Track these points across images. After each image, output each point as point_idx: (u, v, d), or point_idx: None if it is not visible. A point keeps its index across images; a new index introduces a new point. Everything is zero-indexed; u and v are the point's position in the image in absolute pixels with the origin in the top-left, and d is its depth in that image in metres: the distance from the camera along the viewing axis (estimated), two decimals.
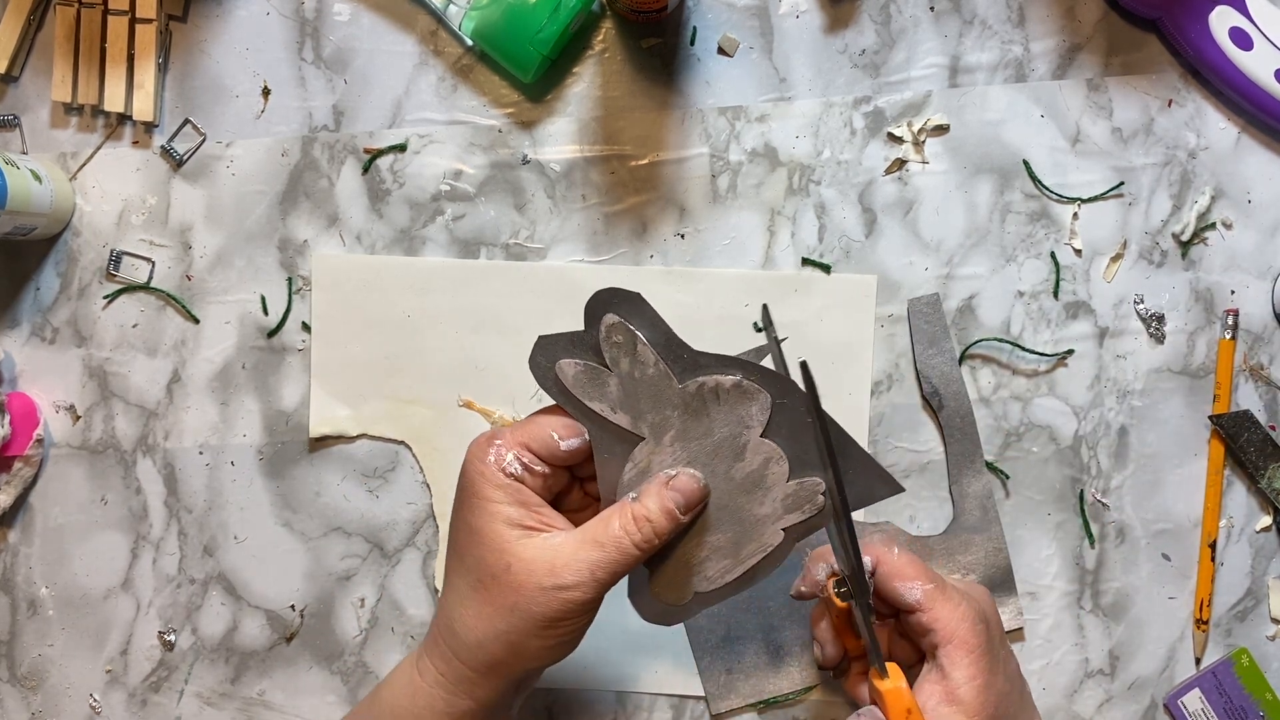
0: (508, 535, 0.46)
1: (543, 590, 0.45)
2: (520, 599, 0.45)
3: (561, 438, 0.48)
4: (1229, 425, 0.64)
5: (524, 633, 0.46)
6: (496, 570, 0.46)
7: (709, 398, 0.47)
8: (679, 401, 0.47)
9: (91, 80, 0.63)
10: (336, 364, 0.64)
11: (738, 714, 0.64)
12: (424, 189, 0.64)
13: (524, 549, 0.45)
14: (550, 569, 0.45)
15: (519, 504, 0.46)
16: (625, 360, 0.47)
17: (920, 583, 0.50)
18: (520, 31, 0.60)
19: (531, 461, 0.47)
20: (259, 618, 0.65)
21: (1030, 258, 0.64)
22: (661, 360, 0.47)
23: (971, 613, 0.49)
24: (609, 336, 0.47)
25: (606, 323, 0.46)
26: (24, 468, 0.64)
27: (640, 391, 0.47)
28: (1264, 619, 0.65)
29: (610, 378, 0.47)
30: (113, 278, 0.64)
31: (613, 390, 0.47)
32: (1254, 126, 0.64)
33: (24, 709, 0.65)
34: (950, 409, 0.64)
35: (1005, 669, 0.50)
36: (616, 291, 0.46)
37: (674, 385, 0.47)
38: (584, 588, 0.45)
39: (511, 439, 0.47)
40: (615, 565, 0.45)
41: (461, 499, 0.48)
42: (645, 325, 0.47)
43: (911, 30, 0.64)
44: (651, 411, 0.47)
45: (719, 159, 0.64)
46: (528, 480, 0.47)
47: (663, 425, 0.47)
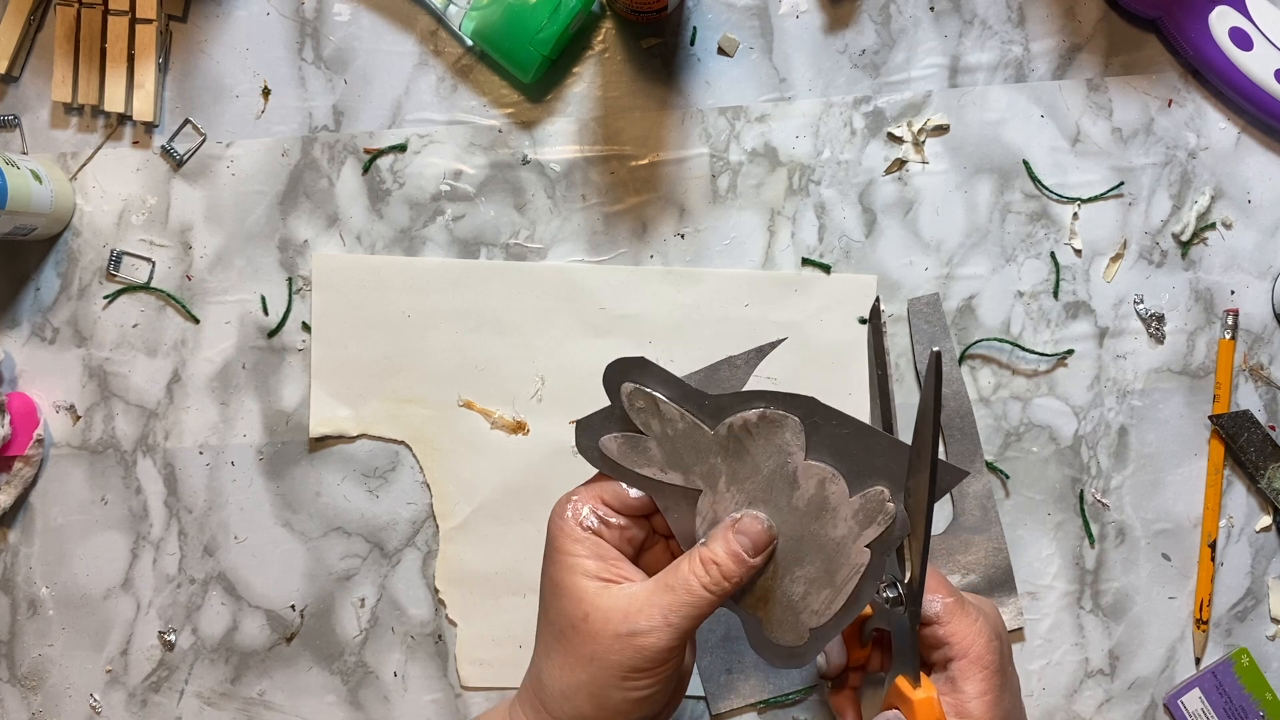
0: (586, 586, 0.47)
1: (618, 638, 0.46)
2: (598, 648, 0.46)
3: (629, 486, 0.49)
4: (1229, 425, 0.64)
5: (604, 683, 0.46)
6: (575, 620, 0.46)
7: (742, 436, 0.47)
8: (717, 447, 0.47)
9: (91, 80, 0.63)
10: (336, 364, 0.64)
11: (738, 714, 0.64)
12: (424, 189, 0.64)
13: (601, 599, 0.46)
14: (624, 616, 0.46)
15: (597, 557, 0.47)
16: (655, 422, 0.48)
17: (940, 596, 0.49)
18: (520, 31, 0.60)
19: (606, 514, 0.49)
20: (259, 618, 0.65)
21: (1030, 258, 0.64)
22: (687, 413, 0.47)
23: (988, 629, 0.49)
24: (631, 404, 0.48)
25: (625, 391, 0.48)
26: (24, 468, 0.64)
27: (679, 447, 0.48)
28: (1264, 619, 0.65)
29: (649, 442, 0.48)
30: (113, 278, 0.64)
31: (655, 453, 0.48)
32: (1254, 126, 0.64)
33: (24, 709, 0.65)
34: (950, 409, 0.64)
35: (1011, 687, 0.50)
36: (622, 361, 0.48)
37: (707, 433, 0.47)
38: (658, 633, 0.46)
39: (587, 494, 0.49)
40: (687, 609, 0.46)
41: (546, 555, 0.49)
42: (659, 384, 0.48)
43: (911, 30, 0.64)
44: (697, 464, 0.48)
45: (719, 159, 0.64)
46: (605, 533, 0.48)
47: (712, 473, 0.48)
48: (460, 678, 0.65)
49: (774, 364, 0.63)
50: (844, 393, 0.64)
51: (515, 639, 0.64)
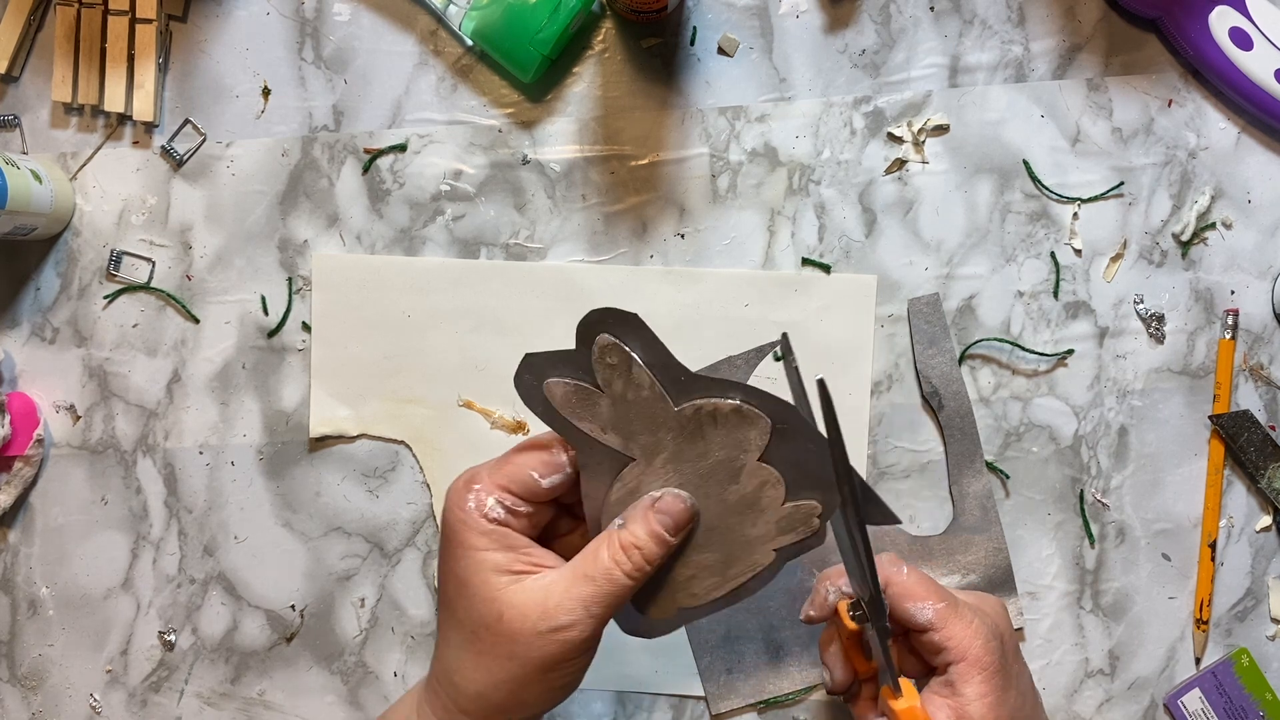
0: (496, 582, 0.44)
1: (539, 635, 0.44)
2: (517, 647, 0.44)
3: (542, 476, 0.46)
4: (1229, 425, 0.64)
5: (524, 680, 0.45)
6: (489, 620, 0.44)
7: (706, 421, 0.45)
8: (674, 424, 0.46)
9: (91, 80, 0.63)
10: (336, 364, 0.64)
11: (738, 714, 0.64)
12: (424, 189, 0.64)
13: (515, 595, 0.44)
14: (543, 612, 0.44)
15: (505, 549, 0.45)
16: (619, 382, 0.45)
17: (932, 602, 0.49)
18: (520, 31, 0.60)
19: (514, 504, 0.46)
20: (259, 618, 0.65)
21: (1030, 258, 0.64)
22: (657, 383, 0.45)
23: (984, 630, 0.49)
24: (602, 358, 0.45)
25: (600, 343, 0.45)
26: (24, 468, 0.64)
27: (633, 413, 0.45)
28: (1264, 619, 0.65)
29: (602, 399, 0.45)
30: (113, 278, 0.64)
31: (604, 411, 0.46)
32: (1254, 126, 0.64)
33: (24, 709, 0.65)
34: (950, 409, 0.64)
35: (1018, 684, 0.50)
36: (612, 312, 0.45)
37: (670, 408, 0.45)
38: (580, 626, 0.44)
39: (490, 482, 0.46)
40: (609, 598, 0.44)
41: (446, 549, 0.46)
42: (641, 347, 0.45)
43: (911, 30, 0.64)
44: (644, 433, 0.46)
45: (719, 159, 0.64)
46: (512, 523, 0.46)
47: (655, 447, 0.46)
48: None
49: (774, 364, 0.63)
50: (844, 393, 0.64)
51: None
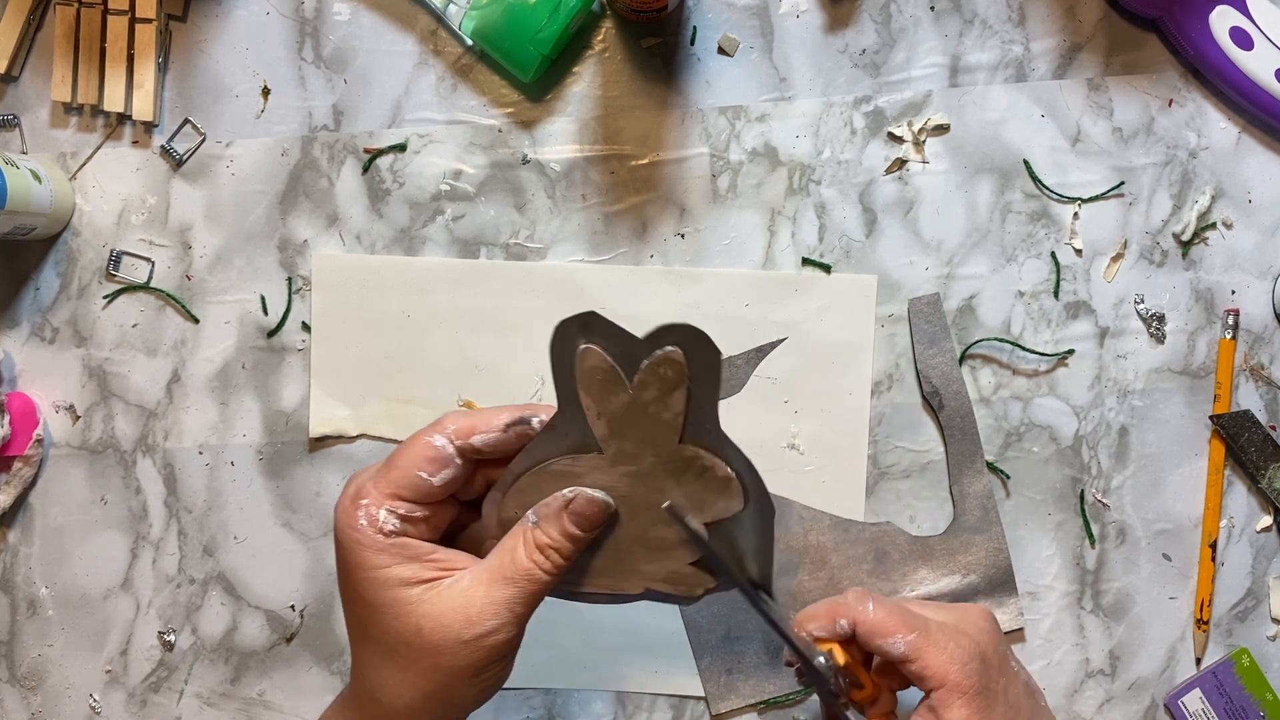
0: (407, 596, 0.42)
1: (464, 644, 0.42)
2: (442, 658, 0.43)
3: (432, 474, 0.43)
4: (1229, 425, 0.64)
5: (453, 688, 0.44)
6: (407, 635, 0.43)
7: (693, 469, 0.44)
8: (665, 454, 0.44)
9: (91, 80, 0.63)
10: (336, 364, 0.64)
11: (738, 714, 0.64)
12: (424, 189, 0.64)
13: (431, 605, 0.42)
14: (466, 619, 0.42)
15: (408, 560, 0.43)
16: (653, 392, 0.43)
17: (902, 635, 0.48)
18: (520, 31, 0.60)
19: (409, 510, 0.43)
20: (259, 618, 0.65)
21: (1030, 257, 0.64)
22: (684, 416, 0.43)
23: (961, 654, 0.48)
24: (659, 367, 0.42)
25: (668, 354, 0.42)
26: (24, 468, 0.64)
27: (639, 423, 0.43)
28: (1264, 619, 0.65)
29: (624, 393, 0.43)
30: (112, 278, 0.64)
31: (615, 403, 0.43)
32: (1254, 126, 0.64)
33: (24, 709, 0.65)
34: (950, 409, 0.64)
35: (1005, 698, 0.49)
36: (703, 337, 0.42)
37: (674, 441, 0.44)
38: (507, 628, 0.43)
39: (379, 493, 0.43)
40: (532, 597, 0.43)
41: (344, 570, 0.44)
42: (699, 380, 0.43)
43: (912, 30, 0.64)
44: (632, 443, 0.44)
45: (719, 159, 0.64)
46: (410, 530, 0.44)
47: (630, 459, 0.44)
48: None
49: (774, 364, 0.63)
50: (845, 393, 0.64)
51: None
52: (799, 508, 0.64)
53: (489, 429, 0.44)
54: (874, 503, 0.64)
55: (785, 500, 0.64)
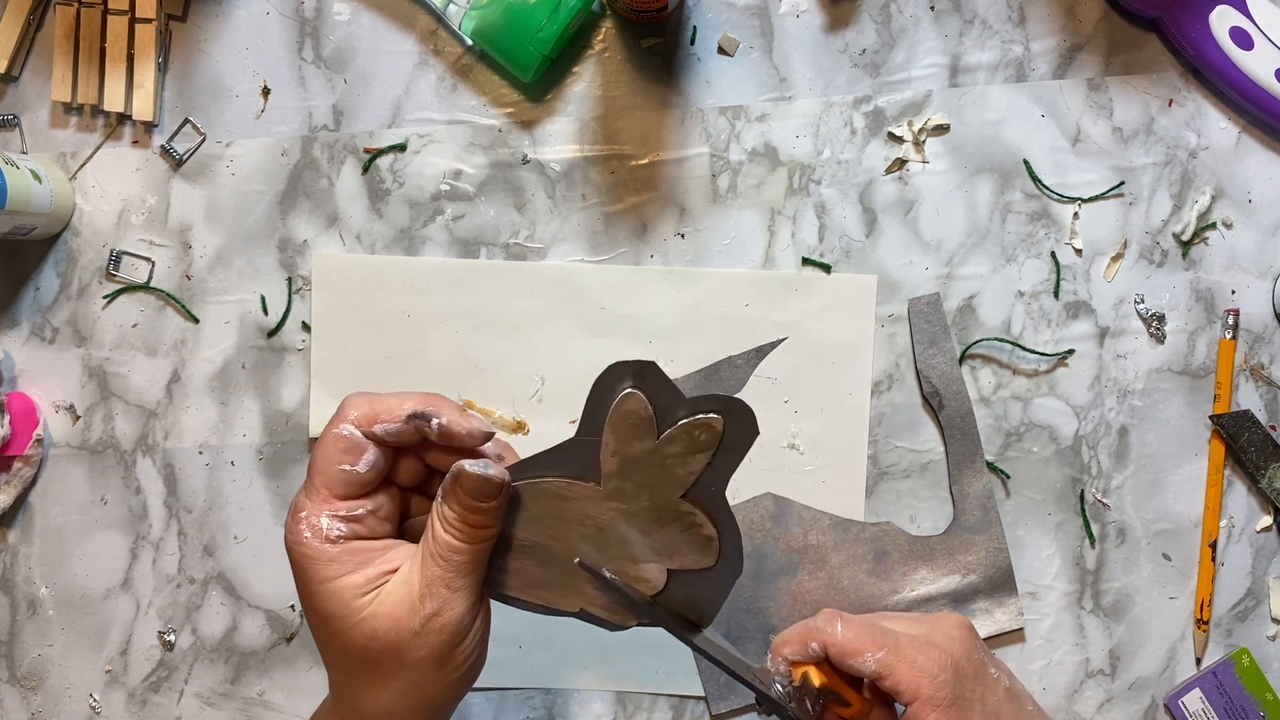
0: (358, 606, 0.42)
1: (416, 633, 0.42)
2: (403, 655, 0.43)
3: (354, 463, 0.43)
4: (1229, 425, 0.64)
5: (425, 681, 0.44)
6: (365, 642, 0.42)
7: (682, 523, 0.45)
8: (663, 503, 0.45)
9: (91, 80, 0.63)
10: (336, 364, 0.64)
11: (738, 714, 0.64)
12: (424, 189, 0.64)
13: (379, 607, 0.42)
14: (410, 608, 0.42)
15: (358, 566, 0.43)
16: (678, 449, 0.43)
17: (871, 653, 0.48)
18: (520, 31, 0.60)
19: (349, 509, 0.43)
20: (259, 618, 0.65)
21: (1030, 257, 0.64)
22: (698, 477, 0.44)
23: (932, 666, 0.48)
24: (694, 428, 0.43)
25: (709, 419, 0.43)
26: (24, 468, 0.64)
27: (650, 471, 0.44)
28: (1264, 619, 0.65)
29: (649, 441, 0.43)
30: (112, 278, 0.64)
31: (636, 450, 0.44)
32: (1254, 126, 0.64)
33: (24, 709, 0.65)
34: (950, 409, 0.64)
35: (983, 706, 0.49)
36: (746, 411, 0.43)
37: (675, 495, 0.44)
38: (449, 603, 0.43)
39: (314, 503, 0.43)
40: (462, 569, 0.43)
41: (301, 588, 0.43)
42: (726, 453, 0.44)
43: (912, 30, 0.64)
44: (633, 486, 0.44)
45: (719, 159, 0.64)
46: (361, 530, 0.43)
47: (623, 497, 0.44)
48: None
49: (774, 364, 0.63)
50: (845, 392, 0.64)
51: (515, 639, 0.64)
52: (799, 508, 0.64)
53: (391, 418, 0.43)
54: (874, 503, 0.64)
55: (785, 500, 0.64)
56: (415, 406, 0.43)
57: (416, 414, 0.43)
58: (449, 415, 0.44)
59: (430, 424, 0.43)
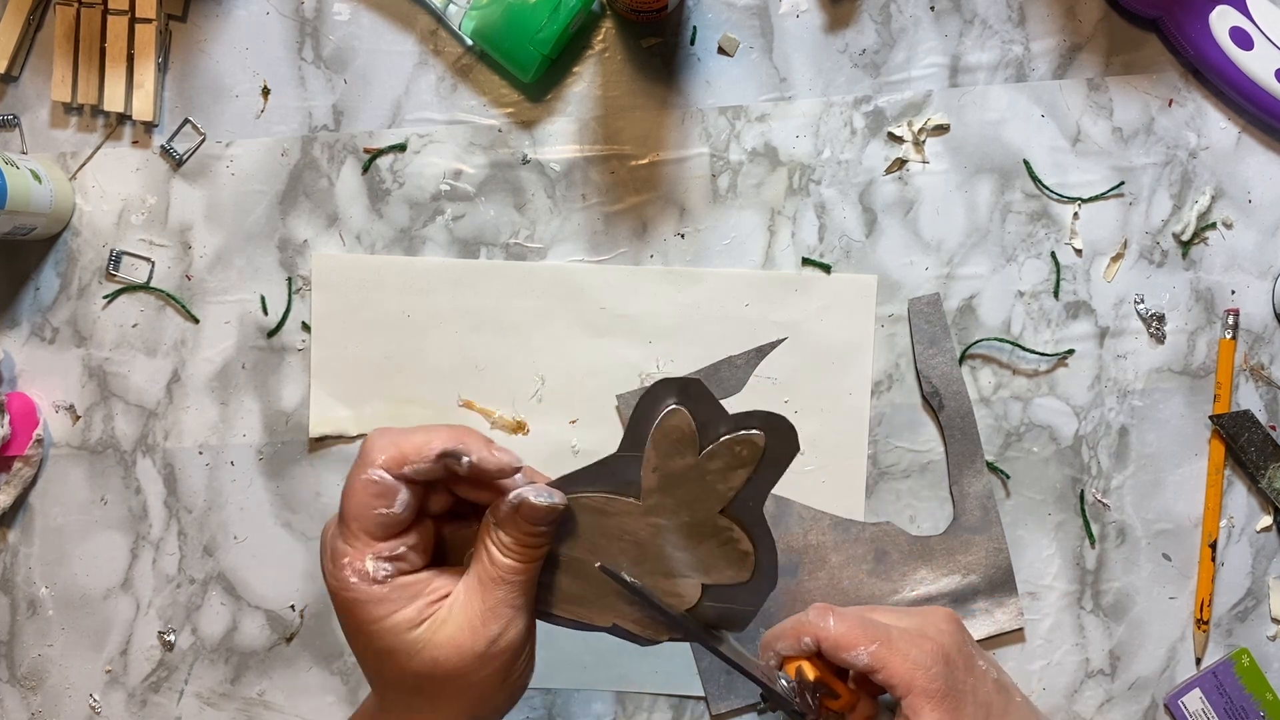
0: (414, 637, 0.43)
1: (479, 656, 0.43)
2: (467, 677, 0.43)
3: (389, 506, 0.43)
4: (1229, 425, 0.64)
5: (487, 698, 0.45)
6: (426, 669, 0.43)
7: (720, 539, 0.45)
8: (700, 520, 0.45)
9: (91, 80, 0.63)
10: (336, 364, 0.64)
11: (738, 714, 0.64)
12: (424, 189, 0.64)
13: (438, 634, 0.43)
14: (473, 633, 0.43)
15: (408, 600, 0.43)
16: (719, 465, 0.44)
17: (864, 646, 0.49)
18: (520, 31, 0.60)
19: (391, 549, 0.43)
20: (259, 618, 0.65)
21: (1030, 257, 0.64)
22: (737, 491, 0.44)
23: (925, 659, 0.49)
24: (735, 444, 0.43)
25: (751, 435, 0.43)
26: (24, 468, 0.64)
27: (691, 487, 0.44)
28: (1264, 619, 0.65)
29: (690, 457, 0.44)
30: (112, 278, 0.64)
31: (677, 465, 0.44)
32: (1254, 126, 0.64)
33: (24, 709, 0.65)
34: (950, 409, 0.64)
35: (974, 697, 0.50)
36: (788, 428, 0.43)
37: (714, 511, 0.45)
38: (513, 623, 0.44)
39: (356, 548, 0.43)
40: (521, 587, 0.44)
41: (350, 628, 0.44)
42: (764, 468, 0.44)
43: (912, 30, 0.64)
44: (673, 501, 0.45)
45: (719, 159, 0.64)
46: (404, 566, 0.44)
47: (663, 512, 0.45)
48: None
49: (774, 364, 0.63)
50: (845, 392, 0.64)
51: None
52: (799, 508, 0.64)
53: (419, 458, 0.43)
54: (874, 503, 0.64)
55: (785, 500, 0.64)
56: (444, 445, 0.43)
57: (446, 453, 0.43)
58: (478, 452, 0.43)
59: (460, 462, 0.43)
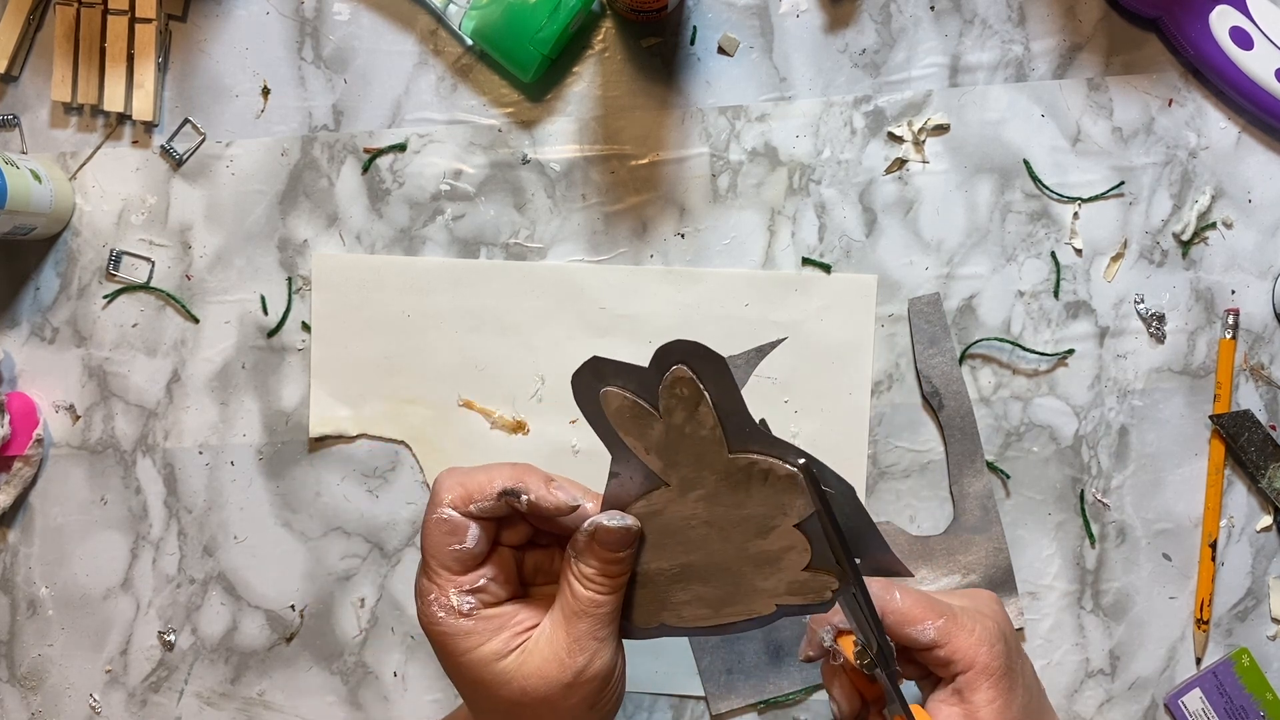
0: (503, 668, 0.45)
1: (566, 686, 0.45)
2: (555, 704, 0.45)
3: (463, 542, 0.45)
4: (1229, 425, 0.64)
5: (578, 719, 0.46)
6: (515, 697, 0.45)
7: (756, 476, 0.44)
8: (722, 468, 0.44)
9: (91, 80, 0.63)
10: (336, 364, 0.64)
11: (738, 714, 0.64)
12: (424, 189, 0.64)
13: (526, 666, 0.45)
14: (560, 665, 0.44)
15: (495, 632, 0.45)
16: (681, 413, 0.44)
17: (931, 621, 0.48)
18: (520, 31, 0.60)
19: (472, 582, 0.45)
20: (259, 618, 0.65)
21: (1030, 257, 0.64)
22: (720, 426, 0.44)
23: (988, 635, 0.49)
24: (674, 387, 0.43)
25: (676, 374, 0.43)
26: (24, 468, 0.64)
27: (685, 446, 0.44)
28: (1264, 619, 0.65)
29: (657, 423, 0.44)
30: (112, 277, 0.64)
31: (655, 434, 0.44)
32: (1254, 126, 0.64)
33: (24, 709, 0.65)
34: (950, 409, 0.64)
35: (1023, 680, 0.50)
36: (701, 348, 0.43)
37: (724, 454, 0.44)
38: (598, 655, 0.45)
39: (439, 584, 0.45)
40: (605, 619, 0.45)
41: (444, 660, 0.46)
42: (716, 389, 0.43)
43: (912, 30, 0.64)
44: (688, 467, 0.45)
45: (719, 159, 0.64)
46: (487, 599, 0.46)
47: (694, 483, 0.45)
48: None
49: (774, 364, 0.63)
50: (844, 392, 0.64)
51: None
52: None
53: (484, 497, 0.45)
54: (874, 503, 0.64)
55: None
56: (504, 483, 0.45)
57: (506, 491, 0.45)
58: (536, 490, 0.45)
59: (520, 500, 0.45)
